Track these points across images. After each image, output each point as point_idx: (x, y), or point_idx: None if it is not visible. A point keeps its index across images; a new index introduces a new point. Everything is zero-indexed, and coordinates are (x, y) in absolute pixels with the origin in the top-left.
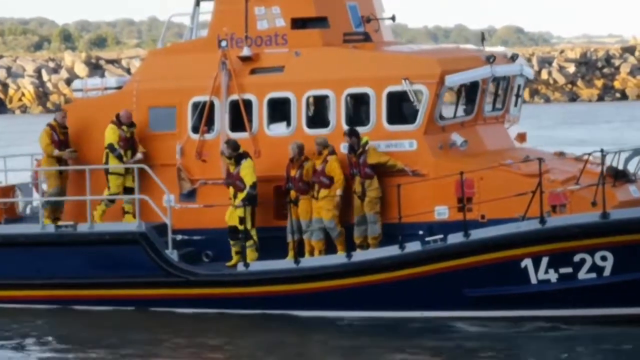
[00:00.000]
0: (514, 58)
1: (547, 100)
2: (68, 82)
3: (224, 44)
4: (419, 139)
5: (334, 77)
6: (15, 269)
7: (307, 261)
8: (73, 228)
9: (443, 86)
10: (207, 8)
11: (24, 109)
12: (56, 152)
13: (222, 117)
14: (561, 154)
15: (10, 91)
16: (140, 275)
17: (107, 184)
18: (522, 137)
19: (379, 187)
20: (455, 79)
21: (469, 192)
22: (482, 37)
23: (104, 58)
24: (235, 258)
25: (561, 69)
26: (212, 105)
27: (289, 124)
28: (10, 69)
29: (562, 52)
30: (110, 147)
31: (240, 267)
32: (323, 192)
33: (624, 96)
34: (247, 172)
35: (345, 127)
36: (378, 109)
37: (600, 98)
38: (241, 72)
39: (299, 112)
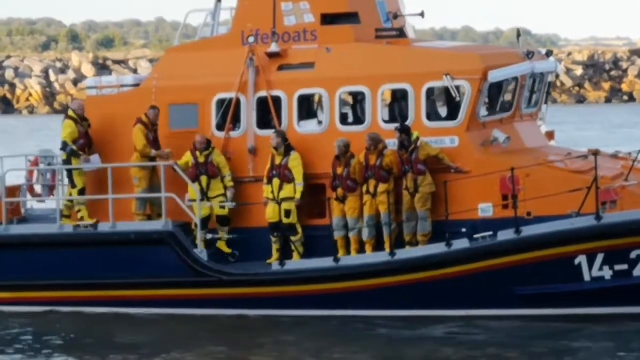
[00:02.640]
0: (548, 55)
1: (554, 102)
2: (75, 82)
3: (251, 39)
4: (461, 136)
5: (370, 74)
6: (35, 270)
7: (348, 259)
8: (94, 228)
9: (486, 82)
10: (225, 4)
11: (31, 109)
12: (153, 152)
13: (249, 115)
14: (596, 153)
15: (18, 91)
16: (169, 275)
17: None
18: (550, 135)
19: (433, 183)
20: (498, 75)
21: (514, 189)
22: (518, 34)
23: (111, 59)
24: (275, 255)
25: (568, 71)
26: (238, 102)
27: (320, 121)
28: (18, 69)
29: (569, 54)
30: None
31: (276, 266)
32: (382, 186)
33: (631, 99)
34: (297, 163)
35: (382, 124)
36: (417, 106)
37: (608, 100)
38: (268, 68)
39: (332, 109)
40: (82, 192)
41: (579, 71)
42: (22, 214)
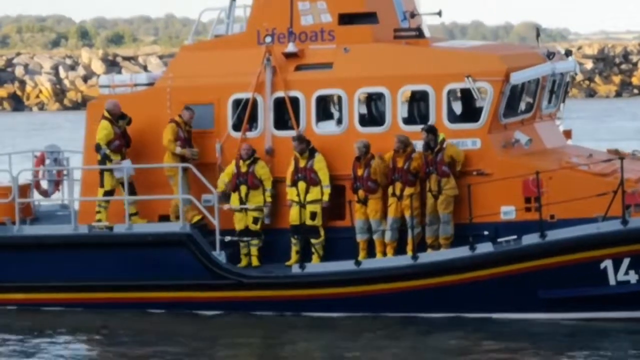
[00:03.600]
0: (567, 54)
1: None
2: (85, 79)
3: (268, 39)
4: (483, 138)
5: (389, 74)
6: (50, 271)
7: (369, 262)
8: (109, 229)
9: (508, 83)
10: (239, 2)
11: (41, 106)
12: (178, 149)
13: (266, 115)
14: (616, 152)
15: (28, 88)
16: (186, 277)
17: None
18: (567, 134)
19: (456, 187)
20: (520, 76)
21: (536, 192)
22: (537, 33)
23: (121, 55)
24: (294, 257)
25: (578, 65)
26: (255, 102)
27: (339, 122)
28: (28, 66)
29: (579, 48)
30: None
31: (296, 269)
32: (408, 190)
33: None
34: (322, 165)
35: (402, 125)
36: (438, 107)
37: (618, 94)
38: (285, 68)
39: (351, 109)
40: (108, 193)
41: (589, 65)
42: (32, 212)
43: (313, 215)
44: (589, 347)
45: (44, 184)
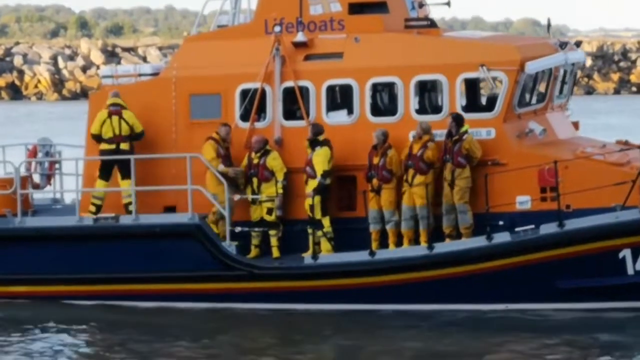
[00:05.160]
0: (577, 45)
1: None
2: (84, 69)
3: (277, 29)
4: (498, 127)
5: (401, 64)
6: (55, 264)
7: (384, 253)
8: (115, 220)
9: (523, 73)
10: None
11: (40, 96)
12: (221, 167)
13: (275, 105)
14: (626, 144)
15: (26, 78)
16: (196, 269)
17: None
18: (575, 126)
19: (470, 178)
20: (535, 66)
21: (552, 182)
22: (548, 24)
23: (120, 46)
24: (311, 248)
25: None
26: (263, 92)
27: (350, 112)
28: (27, 56)
29: None
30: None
31: (309, 260)
32: (419, 178)
33: None
34: (319, 160)
35: (415, 115)
36: (452, 97)
37: (617, 92)
38: (294, 58)
39: (362, 99)
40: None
41: (587, 62)
42: (31, 205)
43: (311, 209)
44: (606, 337)
45: (36, 178)
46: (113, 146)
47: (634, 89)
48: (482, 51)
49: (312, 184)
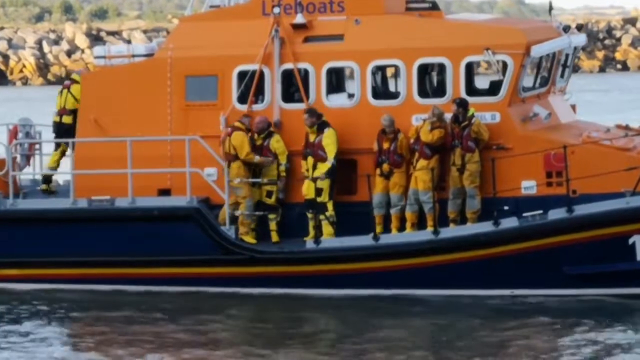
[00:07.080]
0: (579, 28)
1: None
2: (69, 53)
3: (276, 10)
4: (503, 111)
5: (404, 47)
6: (49, 247)
7: (388, 238)
8: (110, 203)
9: (528, 57)
10: None
11: (25, 81)
12: (257, 158)
13: (273, 87)
14: (626, 128)
15: (11, 63)
16: (195, 253)
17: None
18: (573, 109)
19: (480, 161)
20: (540, 50)
21: (558, 167)
22: (550, 6)
23: (105, 30)
24: (312, 232)
25: None
26: (262, 74)
27: (351, 95)
28: (11, 41)
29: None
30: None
31: (310, 244)
32: (422, 162)
33: (625, 67)
34: (330, 141)
35: (418, 98)
36: (456, 80)
37: (602, 69)
38: (293, 40)
39: (364, 82)
40: None
41: None
42: (19, 187)
43: (319, 191)
44: (614, 323)
45: (17, 158)
46: (57, 118)
47: (619, 66)
48: (487, 34)
49: (323, 167)
